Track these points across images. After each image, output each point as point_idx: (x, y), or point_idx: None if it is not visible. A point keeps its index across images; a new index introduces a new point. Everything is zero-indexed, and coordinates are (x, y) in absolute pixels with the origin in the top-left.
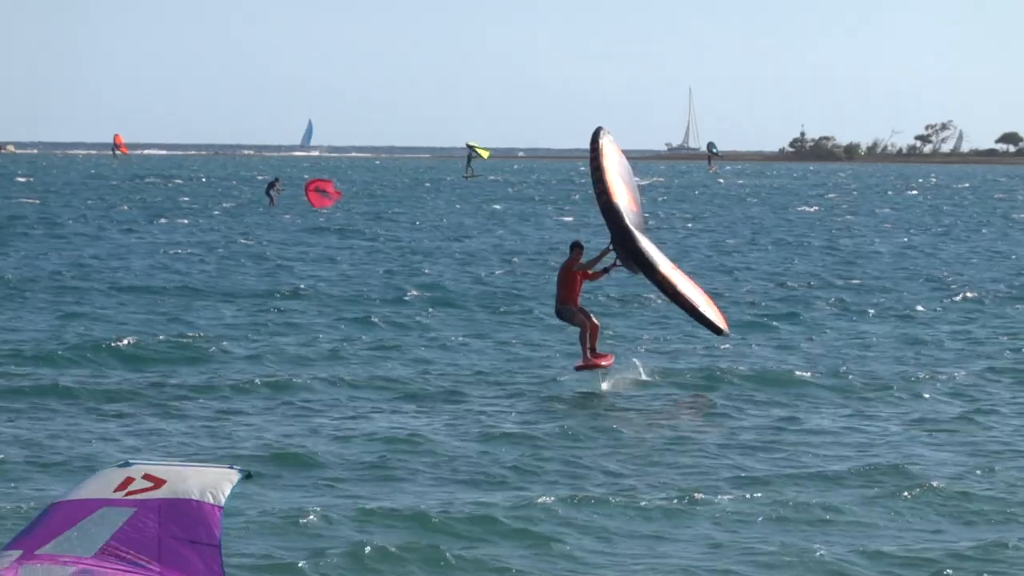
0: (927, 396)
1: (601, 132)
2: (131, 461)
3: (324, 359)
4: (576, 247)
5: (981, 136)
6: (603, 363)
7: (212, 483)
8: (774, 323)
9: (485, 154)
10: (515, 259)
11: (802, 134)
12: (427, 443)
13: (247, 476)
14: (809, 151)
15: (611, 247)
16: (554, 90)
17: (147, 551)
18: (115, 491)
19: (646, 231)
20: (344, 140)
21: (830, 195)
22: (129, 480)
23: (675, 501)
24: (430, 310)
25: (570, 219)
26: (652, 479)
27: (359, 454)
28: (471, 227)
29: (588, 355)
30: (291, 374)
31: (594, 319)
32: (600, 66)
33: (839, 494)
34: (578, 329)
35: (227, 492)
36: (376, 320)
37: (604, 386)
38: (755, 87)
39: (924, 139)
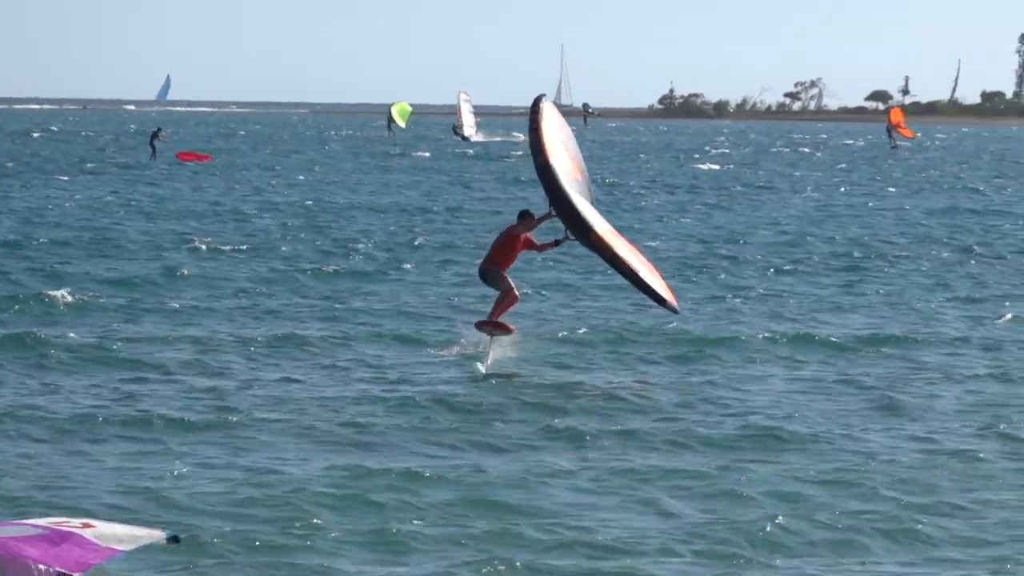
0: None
1: (542, 98)
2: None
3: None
4: (527, 215)
5: (850, 94)
6: (505, 330)
7: (126, 535)
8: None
9: (403, 123)
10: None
11: (671, 91)
12: (295, 402)
13: (174, 540)
14: (678, 108)
15: (551, 211)
16: (427, 46)
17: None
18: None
19: (595, 204)
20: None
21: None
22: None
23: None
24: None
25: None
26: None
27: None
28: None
29: (495, 318)
30: (203, 331)
31: (516, 292)
32: (472, 24)
33: (722, 457)
34: (497, 293)
35: (131, 546)
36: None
37: (486, 363)
38: (625, 44)
39: (793, 96)
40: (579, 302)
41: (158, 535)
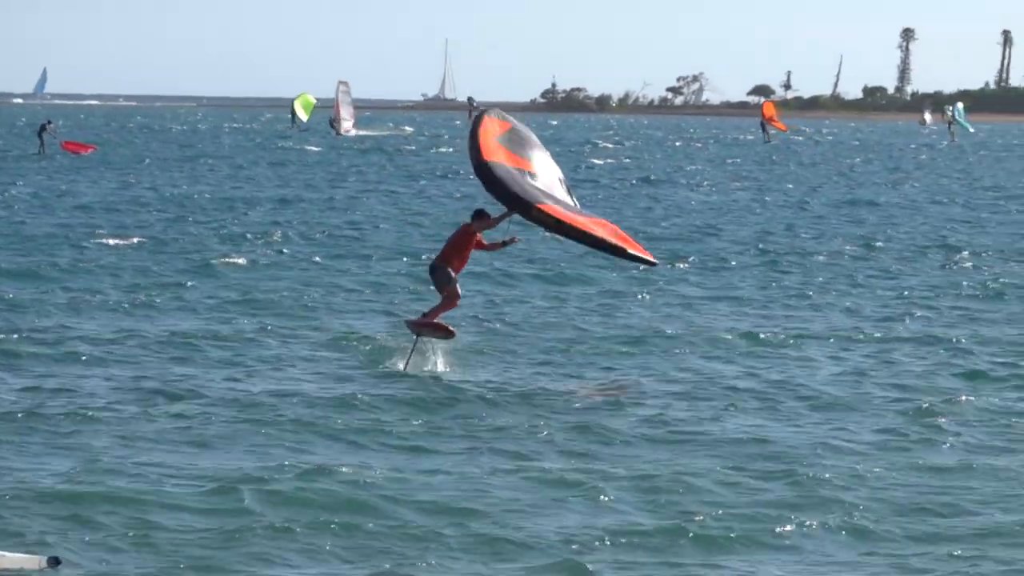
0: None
1: (486, 112)
2: None
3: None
4: (483, 214)
5: (733, 88)
6: (445, 333)
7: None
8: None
9: (306, 115)
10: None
11: (553, 85)
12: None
13: (55, 563)
14: (561, 102)
15: (509, 212)
16: (311, 39)
17: None
18: None
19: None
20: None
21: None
22: None
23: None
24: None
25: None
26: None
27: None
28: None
29: (431, 319)
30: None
31: (459, 296)
32: (355, 16)
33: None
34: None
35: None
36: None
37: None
38: (508, 38)
39: (676, 91)
40: (499, 295)
41: (35, 560)
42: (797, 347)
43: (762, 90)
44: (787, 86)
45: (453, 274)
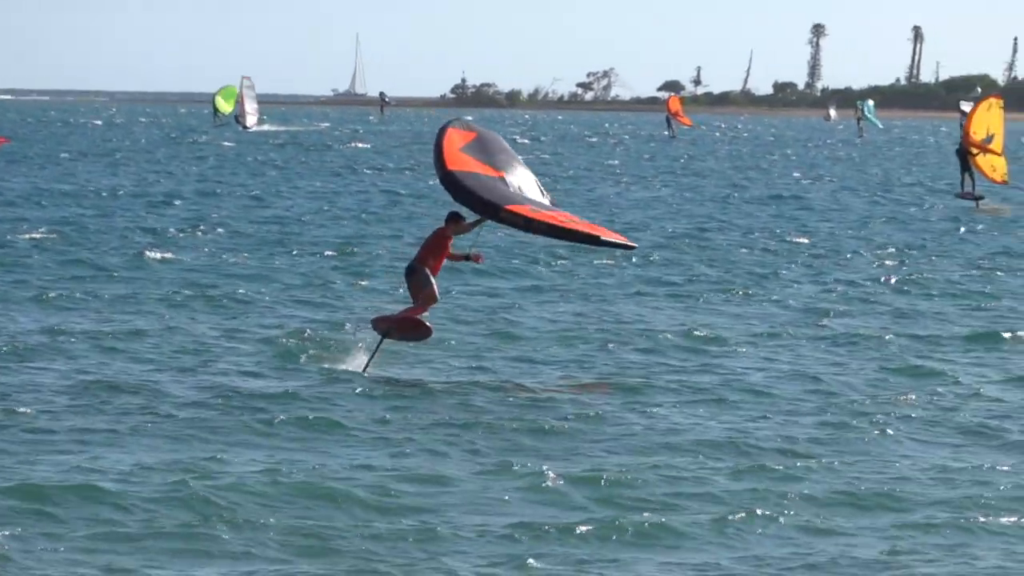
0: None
1: (450, 124)
2: None
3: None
4: (456, 217)
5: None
6: (417, 330)
7: None
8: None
9: (229, 107)
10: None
11: (463, 81)
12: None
13: None
14: (471, 98)
15: (480, 219)
16: (220, 33)
17: None
18: None
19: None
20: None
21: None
22: None
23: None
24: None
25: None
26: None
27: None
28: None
29: (412, 315)
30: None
31: (434, 303)
32: (265, 11)
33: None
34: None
35: None
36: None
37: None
38: (419, 34)
39: (586, 87)
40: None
41: None
42: (727, 341)
43: (672, 86)
44: (697, 82)
45: (432, 276)
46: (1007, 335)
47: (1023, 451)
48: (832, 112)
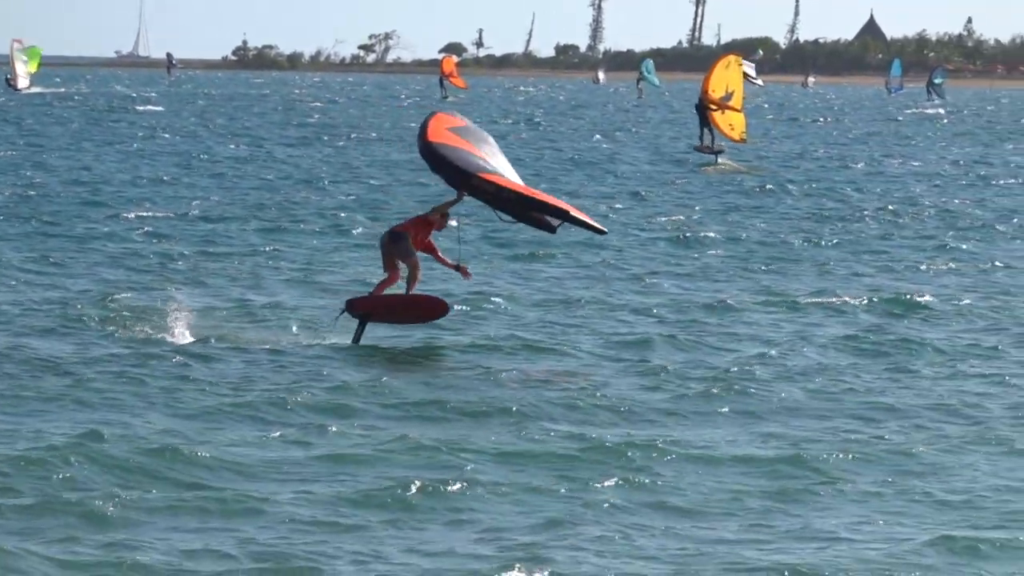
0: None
1: (441, 109)
2: None
3: None
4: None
5: (425, 47)
6: (424, 310)
7: None
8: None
9: (33, 67)
10: None
11: (244, 43)
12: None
13: None
14: (252, 60)
15: (461, 195)
16: None
17: None
18: None
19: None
20: None
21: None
22: None
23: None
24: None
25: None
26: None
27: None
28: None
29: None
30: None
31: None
32: None
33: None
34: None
35: None
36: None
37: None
38: None
39: (368, 49)
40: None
41: None
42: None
43: (453, 48)
44: (479, 44)
45: (412, 248)
46: None
47: None
48: (601, 75)
